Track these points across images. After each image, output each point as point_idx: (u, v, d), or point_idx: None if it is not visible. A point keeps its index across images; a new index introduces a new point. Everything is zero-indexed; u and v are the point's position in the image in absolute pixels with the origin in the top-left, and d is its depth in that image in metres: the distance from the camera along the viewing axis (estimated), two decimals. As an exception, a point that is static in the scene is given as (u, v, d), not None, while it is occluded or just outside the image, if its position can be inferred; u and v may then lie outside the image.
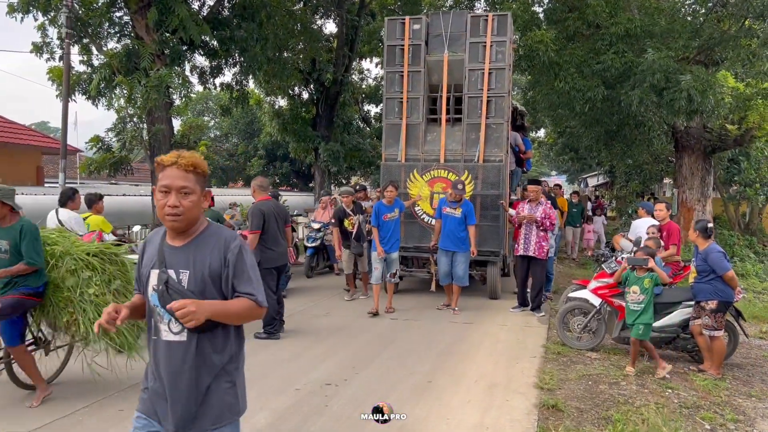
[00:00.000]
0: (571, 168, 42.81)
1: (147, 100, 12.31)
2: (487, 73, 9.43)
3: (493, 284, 9.51)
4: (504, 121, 9.49)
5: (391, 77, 10.01)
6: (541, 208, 8.41)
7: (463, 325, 7.81)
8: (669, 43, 11.81)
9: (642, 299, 6.06)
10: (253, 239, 6.85)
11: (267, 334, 6.96)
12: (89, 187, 19.52)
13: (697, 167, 15.14)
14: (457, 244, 8.42)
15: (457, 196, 8.37)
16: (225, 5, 15.73)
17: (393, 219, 8.39)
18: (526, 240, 8.43)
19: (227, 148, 35.09)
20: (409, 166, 9.74)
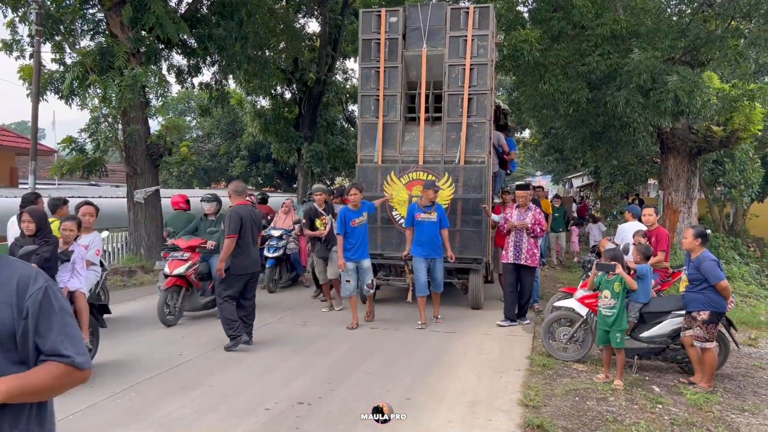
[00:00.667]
0: (555, 168, 42.77)
1: (121, 99, 11.91)
2: (468, 69, 8.89)
3: (476, 293, 8.94)
4: (486, 120, 8.96)
5: (366, 73, 9.42)
6: (531, 214, 8.01)
7: (446, 334, 7.53)
8: (655, 43, 11.64)
9: (613, 304, 5.85)
10: (230, 244, 6.56)
11: (232, 339, 6.62)
12: (66, 189, 19.04)
13: (683, 169, 15.03)
14: (437, 250, 7.96)
15: (434, 197, 7.91)
16: (204, 3, 15.36)
17: (362, 224, 7.82)
18: (516, 247, 7.98)
19: (209, 148, 34.55)
20: (386, 167, 9.18)
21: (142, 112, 13.34)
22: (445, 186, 8.80)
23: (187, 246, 8.10)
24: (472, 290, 8.93)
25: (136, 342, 7.11)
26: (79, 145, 13.34)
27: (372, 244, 8.65)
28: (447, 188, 8.80)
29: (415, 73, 9.29)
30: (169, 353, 6.62)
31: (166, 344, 7.00)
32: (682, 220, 15.19)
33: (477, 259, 8.75)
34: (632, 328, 6.27)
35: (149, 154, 13.63)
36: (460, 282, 9.05)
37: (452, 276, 8.95)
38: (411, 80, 9.38)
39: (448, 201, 8.75)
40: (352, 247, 7.74)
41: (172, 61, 15.28)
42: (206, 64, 15.67)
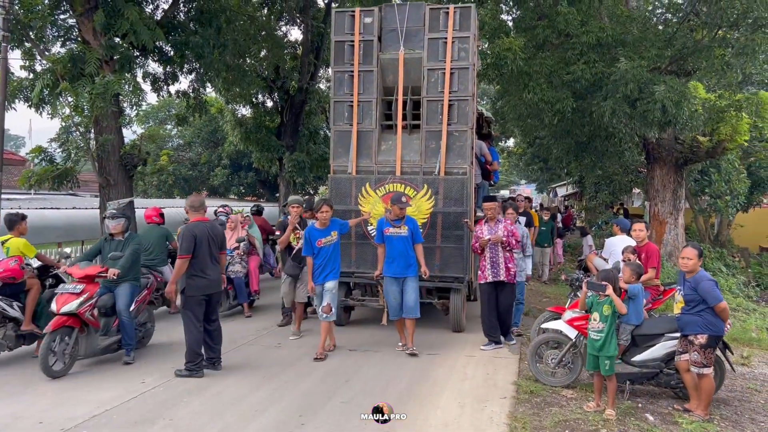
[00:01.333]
0: (540, 177, 42.74)
1: (93, 108, 11.46)
2: (448, 73, 8.33)
3: (457, 315, 8.31)
4: (468, 128, 8.39)
5: (339, 78, 8.82)
6: (501, 226, 7.51)
7: (427, 357, 7.12)
8: (641, 52, 11.42)
9: (602, 327, 5.51)
10: (182, 265, 6.18)
11: (188, 371, 6.22)
12: (41, 200, 18.45)
13: (669, 180, 14.85)
14: (408, 268, 7.23)
15: (402, 212, 7.26)
16: (181, 9, 14.95)
17: (330, 243, 7.16)
18: (493, 264, 7.43)
19: (190, 157, 34.02)
20: (360, 179, 8.55)
21: (116, 121, 12.87)
22: (424, 199, 8.29)
23: (82, 275, 6.58)
24: (454, 312, 8.31)
25: (97, 365, 6.67)
26: (48, 156, 12.85)
27: (346, 261, 8.19)
28: (426, 201, 8.28)
29: (391, 78, 8.73)
30: (131, 378, 6.19)
31: (129, 369, 6.56)
32: (668, 231, 15.00)
33: (458, 277, 8.16)
34: (624, 351, 5.94)
35: (123, 164, 13.16)
36: (440, 302, 8.44)
37: (432, 296, 8.44)
38: (387, 85, 8.82)
39: (428, 215, 8.23)
40: (316, 269, 7.13)
41: (147, 69, 14.81)
42: (183, 71, 15.24)
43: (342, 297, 8.35)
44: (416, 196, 8.25)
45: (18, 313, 6.74)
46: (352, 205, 8.45)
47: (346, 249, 8.24)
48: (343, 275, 8.09)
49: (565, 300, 10.94)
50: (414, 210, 8.08)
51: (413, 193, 8.29)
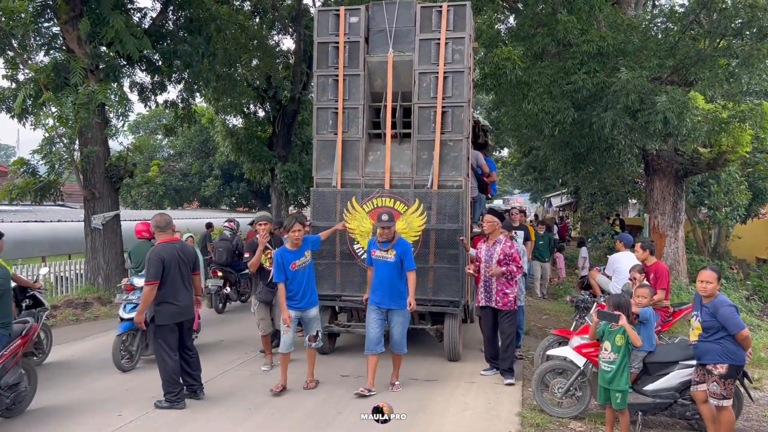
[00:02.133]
0: (534, 187, 42.52)
1: (76, 119, 11.08)
2: (441, 77, 7.61)
3: (453, 342, 7.52)
4: (463, 137, 7.67)
5: (323, 82, 8.08)
6: (499, 248, 6.80)
7: (425, 384, 6.71)
8: (642, 61, 11.12)
9: (613, 359, 5.14)
10: (150, 292, 5.74)
11: (168, 402, 5.80)
12: (27, 212, 17.95)
13: (669, 192, 14.53)
14: (394, 299, 6.36)
15: (387, 233, 6.35)
16: (170, 17, 14.61)
17: (304, 266, 6.42)
18: (486, 287, 6.89)
19: (181, 167, 33.60)
20: (345, 192, 7.78)
21: (101, 131, 12.48)
22: (416, 215, 7.53)
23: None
24: (449, 338, 7.53)
25: (74, 395, 6.24)
26: (31, 168, 12.43)
27: (331, 282, 7.66)
28: (418, 217, 7.51)
29: (380, 82, 8.03)
30: (107, 410, 5.77)
31: (107, 399, 6.13)
32: (668, 244, 14.66)
33: (453, 301, 7.41)
34: (635, 379, 5.56)
35: (108, 176, 12.78)
36: (434, 328, 7.72)
37: (424, 321, 7.82)
38: (375, 90, 8.11)
39: (420, 232, 7.47)
40: (295, 295, 6.37)
41: (134, 78, 14.43)
42: (172, 81, 14.87)
43: (326, 323, 7.74)
44: (407, 212, 7.54)
45: None
46: (337, 222, 7.72)
47: (330, 270, 7.71)
48: (328, 299, 7.64)
49: (567, 317, 10.61)
50: (404, 227, 7.43)
51: (403, 208, 7.57)
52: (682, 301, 12.36)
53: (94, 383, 6.66)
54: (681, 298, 12.47)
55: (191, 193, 33.67)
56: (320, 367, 6.93)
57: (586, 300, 6.97)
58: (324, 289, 7.56)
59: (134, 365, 7.29)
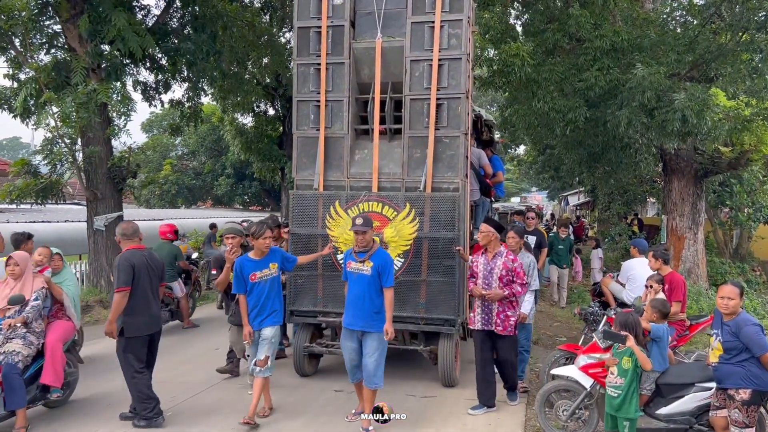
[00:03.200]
0: (551, 185, 41.88)
1: (77, 118, 10.87)
2: (436, 65, 6.75)
3: (447, 366, 6.70)
4: (460, 133, 6.80)
5: (303, 72, 7.19)
6: (500, 261, 5.95)
7: (422, 401, 6.34)
8: (659, 57, 10.62)
9: (620, 383, 4.75)
10: (121, 300, 5.40)
11: (146, 419, 5.49)
12: (36, 211, 17.83)
13: (688, 192, 14.01)
14: (368, 320, 5.44)
15: (363, 240, 5.50)
16: (174, 15, 14.35)
17: (267, 278, 5.75)
18: (485, 307, 5.99)
19: (194, 166, 33.50)
20: (328, 196, 6.98)
21: (103, 131, 12.27)
22: (407, 221, 6.70)
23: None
24: (443, 362, 6.69)
25: (42, 414, 5.95)
26: (32, 168, 12.26)
27: (311, 297, 6.95)
28: (409, 224, 6.68)
29: (367, 72, 7.18)
30: (81, 428, 5.48)
31: (81, 415, 5.83)
32: (687, 247, 14.15)
33: (449, 320, 6.57)
34: (647, 402, 5.14)
35: (111, 177, 12.57)
36: (428, 350, 6.88)
37: (417, 341, 6.99)
38: (362, 81, 7.27)
39: (411, 241, 6.65)
40: (251, 310, 5.72)
41: (138, 77, 14.19)
42: (177, 80, 14.62)
43: (306, 342, 7.08)
44: (396, 218, 6.72)
45: None
46: (319, 229, 6.96)
47: (311, 283, 6.99)
48: (309, 315, 6.97)
49: (579, 324, 10.15)
50: (394, 234, 6.67)
51: (393, 213, 6.76)
52: (701, 307, 11.88)
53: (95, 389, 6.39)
54: (700, 304, 11.97)
55: (204, 192, 33.58)
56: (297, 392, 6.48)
57: (595, 313, 6.55)
58: (304, 305, 6.97)
59: None
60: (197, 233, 17.98)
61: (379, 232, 6.53)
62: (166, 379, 6.81)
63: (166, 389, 6.31)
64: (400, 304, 6.40)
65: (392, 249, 6.56)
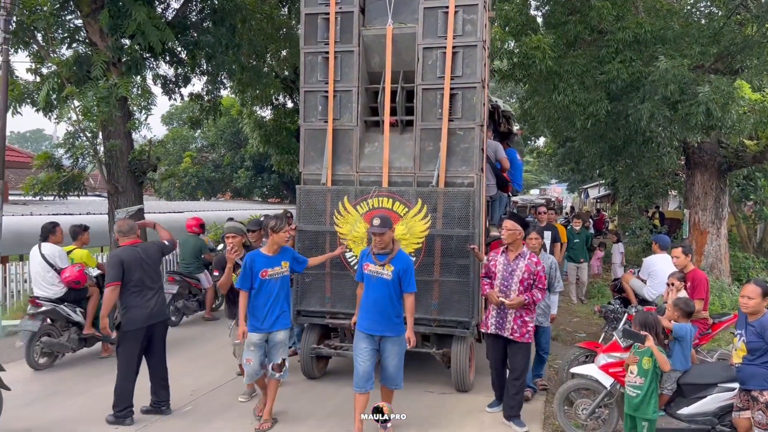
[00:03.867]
0: (571, 178, 41.50)
1: (98, 112, 10.98)
2: (450, 53, 6.39)
3: (461, 371, 6.40)
4: (476, 125, 6.43)
5: (311, 61, 6.90)
6: (523, 263, 5.47)
7: (439, 397, 6.31)
8: (683, 49, 10.43)
9: (640, 383, 4.68)
10: (110, 294, 5.47)
11: (115, 417, 5.52)
12: (60, 204, 18.03)
13: (711, 186, 13.79)
14: (388, 324, 5.17)
15: (382, 241, 5.18)
16: (193, 8, 14.39)
17: (278, 277, 5.46)
18: (500, 310, 5.54)
19: (213, 159, 33.68)
20: (337, 191, 6.66)
21: (124, 125, 12.36)
22: (418, 218, 6.36)
23: None
24: (457, 366, 6.38)
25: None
26: (55, 162, 12.40)
27: (319, 297, 6.66)
28: (420, 221, 6.35)
29: (377, 60, 6.83)
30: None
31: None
32: (710, 242, 13.95)
33: (462, 322, 6.28)
34: (668, 401, 5.08)
35: (132, 170, 12.68)
36: (441, 352, 6.52)
37: (429, 343, 6.64)
38: (373, 70, 6.92)
39: (422, 239, 6.33)
40: (259, 311, 5.41)
41: (158, 71, 14.27)
42: (196, 73, 14.69)
43: (314, 344, 6.78)
44: (408, 215, 6.38)
45: (80, 318, 7.56)
46: (327, 225, 6.63)
47: (318, 282, 6.71)
48: (316, 315, 6.71)
49: (599, 320, 10.05)
50: (405, 232, 6.34)
51: (404, 210, 6.41)
52: (723, 303, 11.70)
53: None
54: (722, 299, 11.79)
55: (223, 185, 33.76)
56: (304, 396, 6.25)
57: (615, 310, 6.47)
58: (311, 305, 6.71)
59: None
60: (216, 225, 18.07)
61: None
62: (185, 372, 6.86)
63: (185, 384, 6.36)
64: None
65: (403, 247, 6.18)
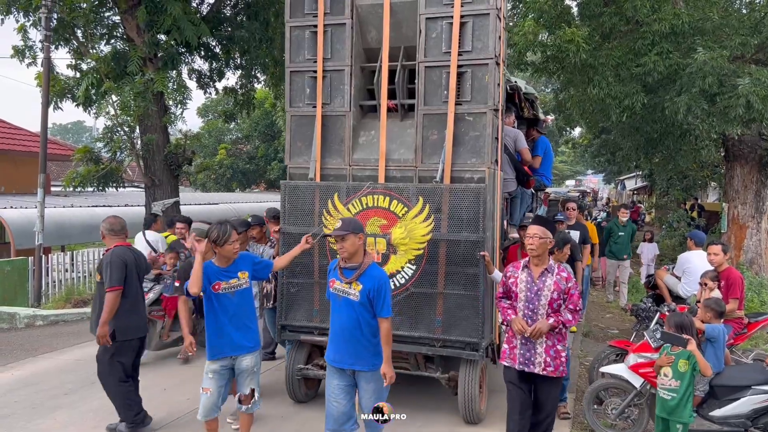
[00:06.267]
0: (607, 168, 40.85)
1: (137, 107, 11.26)
2: (457, 24, 5.34)
3: (471, 398, 5.39)
4: (488, 109, 5.36)
5: (297, 36, 5.91)
6: (551, 281, 4.33)
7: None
8: (722, 40, 10.16)
9: (675, 386, 4.58)
10: (114, 299, 4.98)
11: (132, 424, 5.18)
12: (99, 196, 18.45)
13: (751, 179, 13.48)
14: (358, 356, 4.17)
15: (346, 249, 4.12)
16: (227, 3, 14.57)
17: (235, 290, 4.55)
18: (525, 343, 4.37)
19: (248, 150, 34.11)
20: (326, 187, 5.71)
21: (160, 119, 12.63)
22: (419, 219, 5.37)
23: None
24: (465, 394, 5.38)
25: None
26: (94, 156, 12.75)
27: (306, 309, 5.75)
28: (421, 223, 5.36)
29: (374, 35, 5.81)
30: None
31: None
32: (749, 236, 13.63)
33: (471, 343, 5.29)
34: (700, 402, 5.03)
35: (168, 164, 12.95)
36: (446, 377, 5.59)
37: (433, 366, 5.71)
38: (369, 46, 5.91)
39: (424, 244, 5.36)
40: (218, 333, 4.51)
41: (193, 66, 14.52)
42: (230, 67, 14.89)
43: (301, 363, 5.85)
44: (407, 215, 5.40)
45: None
46: (315, 227, 5.64)
47: (306, 292, 5.77)
48: (303, 331, 5.79)
49: (632, 318, 9.93)
50: (403, 236, 5.38)
51: (403, 210, 5.43)
52: (762, 299, 11.43)
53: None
54: (762, 296, 11.53)
55: (258, 176, 34.17)
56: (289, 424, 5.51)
57: (647, 309, 6.40)
58: (297, 319, 5.79)
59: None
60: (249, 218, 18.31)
61: (386, 233, 5.44)
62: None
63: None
64: (411, 321, 5.40)
65: (402, 253, 5.42)
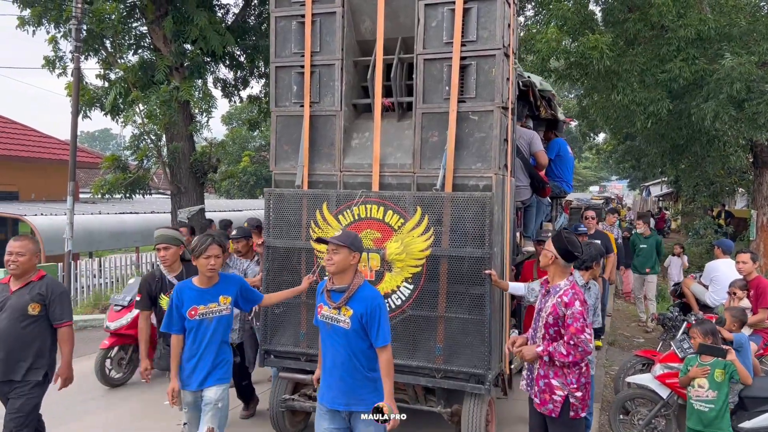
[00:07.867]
0: (632, 174, 40.40)
1: (163, 116, 11.48)
2: (460, 10, 4.71)
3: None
4: (496, 107, 4.72)
5: (283, 28, 5.29)
6: (551, 302, 3.87)
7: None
8: (750, 46, 10.05)
9: (713, 396, 4.49)
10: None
11: None
12: (126, 203, 18.77)
13: (780, 186, 13.27)
14: (353, 395, 3.67)
15: (330, 264, 3.61)
16: (252, 12, 14.77)
17: (211, 317, 4.05)
18: (529, 366, 4.07)
19: (271, 157, 34.40)
20: (314, 196, 5.09)
21: (186, 128, 12.83)
22: (417, 232, 4.75)
23: None
24: (470, 427, 4.68)
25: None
26: (121, 164, 12.99)
27: (292, 333, 5.18)
28: (420, 237, 4.74)
29: (369, 25, 5.19)
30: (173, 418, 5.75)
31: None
32: (778, 244, 13.41)
33: (476, 374, 4.63)
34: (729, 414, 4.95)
35: (193, 171, 13.14)
36: (449, 411, 4.91)
37: (434, 399, 5.03)
38: (362, 38, 5.28)
39: (423, 260, 4.74)
40: (187, 361, 4.06)
41: (218, 75, 14.73)
42: (254, 76, 15.07)
43: (287, 393, 5.24)
44: (403, 228, 4.78)
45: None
46: (302, 240, 5.09)
47: (292, 314, 5.20)
48: (289, 357, 5.18)
49: (659, 327, 9.81)
50: (399, 251, 4.78)
51: (399, 221, 4.81)
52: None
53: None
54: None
55: (281, 183, 34.41)
56: None
57: (674, 318, 6.32)
58: (282, 344, 5.20)
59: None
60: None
61: (380, 247, 4.82)
62: None
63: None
64: (409, 349, 4.78)
65: (398, 271, 4.81)
